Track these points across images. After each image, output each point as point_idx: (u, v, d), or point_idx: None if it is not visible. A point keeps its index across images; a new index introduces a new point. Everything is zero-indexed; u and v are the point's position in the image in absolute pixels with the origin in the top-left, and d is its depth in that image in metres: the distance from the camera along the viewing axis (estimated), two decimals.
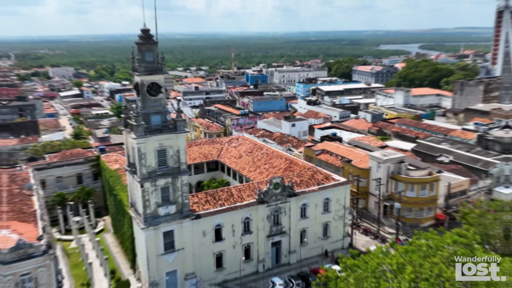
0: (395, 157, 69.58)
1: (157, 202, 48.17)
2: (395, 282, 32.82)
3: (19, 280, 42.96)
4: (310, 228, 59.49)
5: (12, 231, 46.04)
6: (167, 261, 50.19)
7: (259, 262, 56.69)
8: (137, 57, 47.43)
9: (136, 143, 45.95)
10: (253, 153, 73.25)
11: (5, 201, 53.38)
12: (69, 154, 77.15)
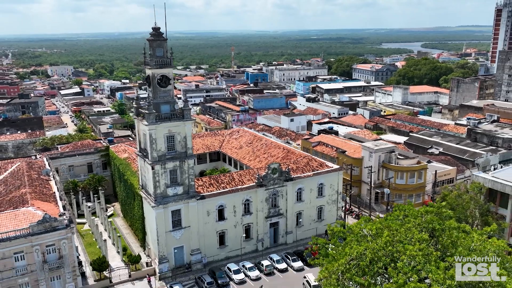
0: (385, 147, 76.14)
1: (166, 183, 54.69)
2: (373, 243, 39.30)
3: (44, 250, 49.53)
4: (306, 211, 65.98)
5: (37, 208, 52.58)
6: (174, 237, 56.69)
7: (258, 241, 63.21)
8: (148, 52, 53.76)
9: (148, 129, 52.49)
10: (253, 144, 79.78)
11: (27, 184, 59.91)
12: (80, 145, 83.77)
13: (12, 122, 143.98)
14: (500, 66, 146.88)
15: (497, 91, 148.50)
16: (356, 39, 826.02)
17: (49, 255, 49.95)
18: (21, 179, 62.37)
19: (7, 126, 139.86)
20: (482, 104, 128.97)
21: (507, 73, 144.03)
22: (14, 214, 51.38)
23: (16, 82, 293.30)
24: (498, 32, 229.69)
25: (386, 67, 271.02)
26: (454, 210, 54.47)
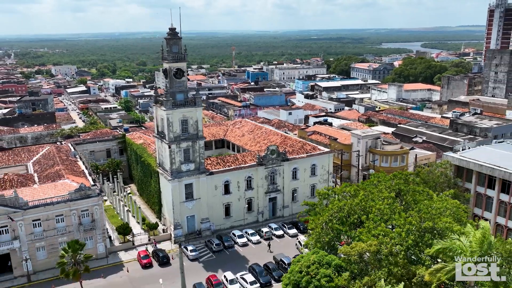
0: (372, 134, 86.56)
1: (180, 160, 65.06)
2: (351, 200, 49.71)
3: (80, 214, 59.92)
4: (300, 188, 76.31)
5: (72, 181, 62.98)
6: (187, 207, 67.02)
7: (259, 213, 73.60)
8: (166, 49, 64.13)
9: (165, 114, 62.88)
10: (254, 132, 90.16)
11: (59, 163, 70.34)
12: (99, 133, 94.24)
13: (26, 117, 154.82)
14: (487, 64, 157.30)
15: (484, 87, 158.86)
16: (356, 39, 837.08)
17: (83, 219, 60.33)
18: (54, 159, 72.82)
19: (22, 121, 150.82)
20: (468, 100, 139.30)
21: (494, 71, 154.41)
22: (54, 185, 61.80)
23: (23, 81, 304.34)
24: (491, 32, 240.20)
25: (383, 66, 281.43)
26: (427, 183, 64.82)
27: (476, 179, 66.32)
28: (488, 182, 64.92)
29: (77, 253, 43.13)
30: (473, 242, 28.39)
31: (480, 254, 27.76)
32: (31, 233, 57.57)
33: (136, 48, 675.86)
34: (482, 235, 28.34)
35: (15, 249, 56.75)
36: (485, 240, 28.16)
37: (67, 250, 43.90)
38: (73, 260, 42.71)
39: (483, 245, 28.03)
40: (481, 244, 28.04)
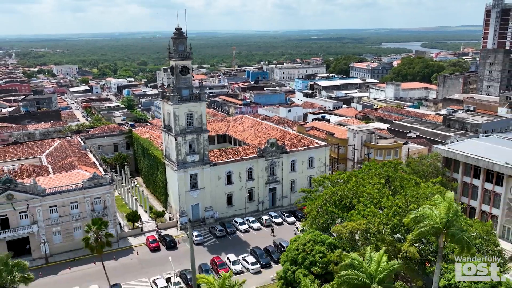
0: (367, 129, 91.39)
1: (185, 152, 69.91)
2: (343, 186, 54.53)
3: (93, 201, 64.77)
4: (298, 179, 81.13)
5: (85, 171, 67.83)
6: (192, 196, 71.86)
7: (259, 203, 78.46)
8: (172, 48, 68.97)
9: (172, 108, 67.72)
10: (255, 127, 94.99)
11: (72, 155, 75.19)
12: (106, 128, 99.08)
13: (32, 115, 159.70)
14: (482, 63, 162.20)
15: (479, 86, 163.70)
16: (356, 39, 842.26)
17: (96, 206, 65.20)
18: (66, 152, 77.69)
19: (28, 118, 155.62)
20: (462, 97, 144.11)
21: (488, 69, 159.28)
22: (68, 174, 66.69)
23: (25, 80, 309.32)
24: (487, 32, 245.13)
25: (381, 66, 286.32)
26: (417, 173, 69.65)
27: (463, 170, 71.14)
28: (474, 172, 69.74)
29: (99, 229, 48.04)
30: (441, 210, 33.09)
31: (447, 220, 32.45)
32: (48, 218, 62.44)
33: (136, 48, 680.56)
34: (448, 204, 33.07)
35: (34, 233, 61.59)
36: (450, 208, 32.86)
37: (91, 226, 48.83)
38: (95, 235, 47.62)
39: (449, 212, 32.77)
40: (447, 211, 32.76)
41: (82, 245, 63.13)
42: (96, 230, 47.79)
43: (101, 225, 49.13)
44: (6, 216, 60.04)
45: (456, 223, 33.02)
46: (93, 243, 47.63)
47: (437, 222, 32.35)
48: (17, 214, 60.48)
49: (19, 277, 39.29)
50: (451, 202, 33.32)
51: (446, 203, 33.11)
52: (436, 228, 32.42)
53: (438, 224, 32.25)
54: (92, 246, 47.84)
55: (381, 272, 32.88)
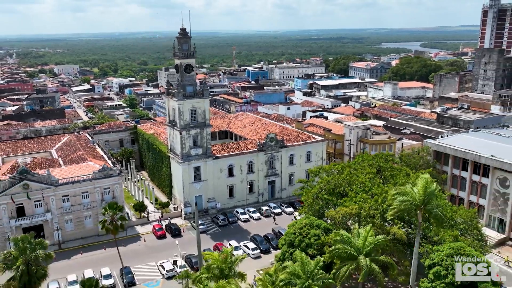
0: (362, 125, 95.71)
1: (189, 146, 74.22)
2: (337, 175, 58.84)
3: (103, 191, 69.08)
4: (297, 172, 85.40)
5: (94, 163, 72.16)
6: (195, 187, 76.15)
7: (259, 195, 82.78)
8: (177, 47, 73.27)
9: (177, 104, 72.03)
10: (255, 124, 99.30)
11: (81, 149, 79.50)
12: (112, 124, 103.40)
13: (37, 113, 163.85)
14: (477, 63, 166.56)
15: (474, 84, 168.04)
16: (356, 38, 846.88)
17: (105, 195, 69.50)
18: (75, 146, 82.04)
19: (33, 116, 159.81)
20: (457, 96, 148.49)
21: (483, 69, 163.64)
22: (79, 166, 71.03)
23: (27, 80, 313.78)
24: (484, 32, 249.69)
25: (380, 65, 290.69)
26: (408, 165, 73.87)
27: (452, 162, 75.45)
28: (462, 164, 74.05)
29: (115, 213, 52.31)
30: (419, 189, 37.28)
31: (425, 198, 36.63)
32: (61, 207, 66.78)
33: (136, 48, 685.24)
34: (425, 184, 37.27)
35: (48, 220, 65.90)
36: (427, 188, 37.05)
37: (107, 209, 53.15)
38: (111, 218, 51.92)
39: (426, 190, 36.96)
40: (425, 190, 36.95)
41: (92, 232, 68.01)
42: (112, 213, 52.07)
43: (116, 209, 53.43)
44: (22, 205, 64.35)
45: (432, 201, 37.22)
46: (109, 225, 51.91)
47: (415, 199, 36.54)
48: (32, 203, 64.80)
49: (42, 254, 43.53)
50: (428, 182, 37.53)
51: (424, 183, 37.34)
52: (414, 205, 36.65)
53: (416, 201, 36.47)
54: (108, 228, 52.15)
55: (368, 246, 37.14)
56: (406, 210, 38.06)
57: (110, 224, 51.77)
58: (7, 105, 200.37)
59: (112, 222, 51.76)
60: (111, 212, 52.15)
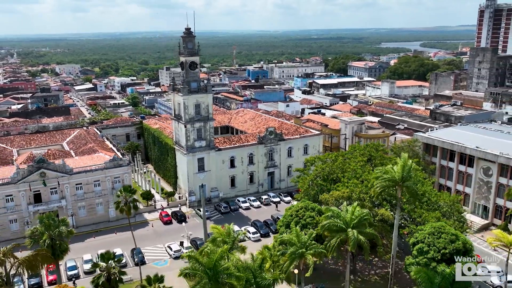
0: (357, 120, 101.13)
1: (194, 138, 79.57)
2: (331, 163, 64.17)
3: (113, 180, 74.42)
4: (294, 164, 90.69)
5: (105, 154, 77.51)
6: (199, 177, 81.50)
7: (259, 185, 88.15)
8: (182, 45, 78.62)
9: (182, 99, 77.39)
10: (255, 119, 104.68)
11: (91, 141, 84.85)
12: (119, 120, 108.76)
13: (43, 111, 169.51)
14: (471, 62, 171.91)
15: (469, 83, 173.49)
16: (357, 38, 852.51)
17: (116, 184, 74.81)
18: (85, 139, 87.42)
19: (39, 114, 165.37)
20: (452, 94, 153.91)
21: (477, 67, 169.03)
22: (91, 157, 76.40)
23: (30, 79, 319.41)
24: (481, 32, 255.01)
25: (378, 64, 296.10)
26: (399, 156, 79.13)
27: (440, 154, 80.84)
28: (450, 156, 79.42)
29: (128, 194, 57.61)
30: (398, 168, 42.46)
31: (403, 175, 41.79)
32: (75, 194, 72.14)
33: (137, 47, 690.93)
34: (403, 163, 42.47)
35: (62, 206, 71.22)
36: (405, 166, 42.25)
37: (122, 192, 58.45)
38: (125, 200, 57.15)
39: (404, 169, 42.15)
40: (403, 169, 42.14)
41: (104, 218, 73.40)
42: (126, 195, 57.38)
43: (130, 192, 58.75)
44: (39, 192, 69.70)
45: (410, 179, 42.43)
46: (123, 206, 57.20)
47: (394, 177, 41.73)
48: (48, 190, 70.16)
49: (64, 231, 48.80)
50: (405, 161, 42.75)
51: (402, 162, 42.56)
52: (394, 181, 41.85)
53: (395, 178, 41.68)
54: (122, 209, 57.43)
55: (355, 219, 42.43)
56: (387, 187, 43.26)
57: (124, 205, 57.04)
58: (12, 103, 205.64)
59: (126, 203, 57.02)
60: (125, 194, 57.43)
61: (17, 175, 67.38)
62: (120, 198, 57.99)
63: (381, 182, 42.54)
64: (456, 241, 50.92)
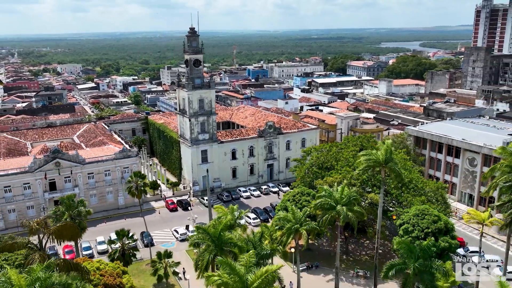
0: (353, 115, 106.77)
1: (197, 131, 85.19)
2: (325, 153, 69.78)
3: (122, 170, 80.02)
4: (293, 157, 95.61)
5: (114, 146, 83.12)
6: (203, 168, 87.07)
7: (259, 176, 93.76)
8: (187, 44, 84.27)
9: (186, 94, 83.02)
10: (255, 115, 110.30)
11: (101, 134, 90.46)
12: (126, 115, 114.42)
13: (49, 108, 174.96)
14: (466, 60, 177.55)
15: (463, 81, 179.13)
16: (357, 38, 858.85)
17: (125, 174, 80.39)
18: (95, 133, 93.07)
19: (44, 111, 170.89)
20: (445, 91, 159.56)
21: (471, 66, 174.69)
22: (101, 149, 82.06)
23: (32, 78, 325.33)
24: (477, 31, 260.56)
25: (377, 64, 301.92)
26: None
27: (429, 146, 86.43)
28: (438, 148, 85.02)
29: (138, 179, 63.23)
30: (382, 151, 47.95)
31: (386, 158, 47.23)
32: (87, 183, 77.76)
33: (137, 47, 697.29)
34: (387, 147, 47.95)
35: (76, 194, 76.58)
36: (388, 150, 47.70)
37: (133, 177, 64.05)
38: (136, 184, 62.76)
39: (387, 152, 47.58)
40: (386, 152, 47.57)
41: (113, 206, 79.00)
42: (137, 180, 63.01)
43: (140, 177, 64.42)
44: (54, 180, 75.30)
45: (393, 160, 47.92)
46: (134, 190, 62.80)
47: (379, 158, 47.16)
48: (62, 178, 75.77)
49: (83, 210, 54.36)
50: (388, 145, 48.23)
51: (386, 147, 48.02)
52: (377, 162, 47.29)
53: (379, 160, 47.15)
54: (133, 192, 63.08)
55: (344, 198, 48.00)
56: (371, 167, 48.75)
57: (135, 189, 62.63)
58: (16, 101, 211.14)
59: (137, 187, 62.63)
60: (136, 179, 63.07)
61: (34, 164, 72.99)
62: (131, 183, 63.61)
63: (366, 163, 48.02)
64: (438, 222, 56.58)
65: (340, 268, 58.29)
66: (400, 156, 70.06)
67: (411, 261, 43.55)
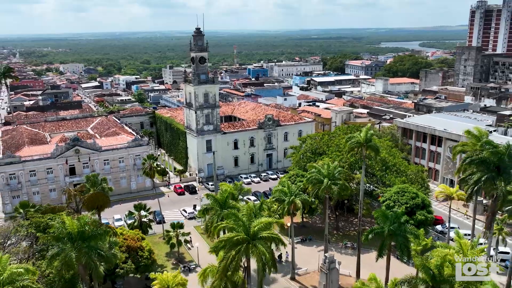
0: (346, 110, 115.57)
1: (203, 123, 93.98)
2: (318, 140, 78.54)
3: (135, 157, 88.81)
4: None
5: (127, 136, 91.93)
6: (207, 157, 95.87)
7: (259, 165, 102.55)
8: (193, 43, 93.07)
9: (193, 89, 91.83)
10: (256, 109, 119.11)
11: (113, 126, 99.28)
12: (134, 109, 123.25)
13: (57, 105, 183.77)
14: (458, 59, 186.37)
15: (455, 79, 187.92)
16: (357, 38, 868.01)
17: (137, 161, 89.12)
18: (108, 125, 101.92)
19: (53, 108, 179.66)
20: (438, 89, 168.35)
21: (463, 65, 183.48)
22: (115, 138, 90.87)
23: (36, 77, 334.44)
24: (472, 31, 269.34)
25: (375, 63, 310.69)
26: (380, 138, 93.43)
27: (415, 136, 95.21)
28: (423, 138, 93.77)
29: (152, 161, 72.03)
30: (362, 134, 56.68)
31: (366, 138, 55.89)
32: (103, 169, 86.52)
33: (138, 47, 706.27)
34: (366, 131, 56.65)
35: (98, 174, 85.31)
36: (368, 132, 56.32)
37: (146, 159, 72.84)
38: (150, 165, 71.55)
39: (367, 134, 56.19)
40: (366, 134, 56.17)
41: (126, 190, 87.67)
42: (150, 162, 71.84)
43: (153, 159, 73.24)
44: (73, 166, 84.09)
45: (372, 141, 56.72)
46: (148, 170, 71.60)
47: (360, 139, 55.86)
48: (81, 164, 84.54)
49: (106, 187, 63.06)
50: (367, 129, 57.05)
51: (365, 130, 56.78)
52: (359, 143, 56.02)
53: (361, 140, 55.87)
54: (148, 172, 71.86)
55: (331, 173, 56.79)
56: (354, 147, 57.49)
57: (149, 170, 71.43)
58: (23, 100, 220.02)
59: (151, 168, 71.44)
60: (149, 161, 71.90)
61: (56, 151, 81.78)
62: (145, 164, 72.42)
63: (350, 145, 56.98)
64: (416, 198, 65.43)
65: (331, 241, 67.14)
66: (386, 144, 78.88)
67: (386, 225, 52.30)
